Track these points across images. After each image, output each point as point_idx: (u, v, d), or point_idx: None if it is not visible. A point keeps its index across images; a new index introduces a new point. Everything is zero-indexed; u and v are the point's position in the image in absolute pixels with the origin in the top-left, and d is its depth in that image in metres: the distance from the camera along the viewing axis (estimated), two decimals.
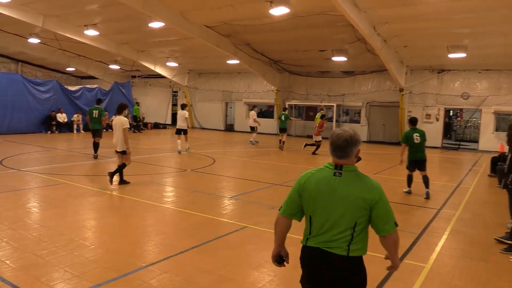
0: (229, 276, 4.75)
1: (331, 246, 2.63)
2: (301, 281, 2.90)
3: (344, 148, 2.66)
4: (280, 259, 3.03)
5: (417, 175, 9.50)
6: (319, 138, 17.01)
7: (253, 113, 20.85)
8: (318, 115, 23.91)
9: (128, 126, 9.53)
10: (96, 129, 14.11)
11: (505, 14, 13.98)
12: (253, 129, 20.71)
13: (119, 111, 9.60)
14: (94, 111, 14.26)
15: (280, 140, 18.67)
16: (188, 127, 15.91)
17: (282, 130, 18.90)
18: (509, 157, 6.11)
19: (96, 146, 13.87)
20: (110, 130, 14.96)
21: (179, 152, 15.66)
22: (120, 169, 9.49)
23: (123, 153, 9.48)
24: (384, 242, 2.71)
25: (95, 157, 13.71)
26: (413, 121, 9.56)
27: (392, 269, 2.88)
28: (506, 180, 5.98)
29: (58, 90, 24.12)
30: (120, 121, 9.40)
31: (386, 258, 2.86)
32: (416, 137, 9.22)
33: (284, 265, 3.04)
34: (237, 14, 16.96)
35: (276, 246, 2.99)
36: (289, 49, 21.91)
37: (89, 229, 6.40)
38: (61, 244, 5.52)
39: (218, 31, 19.84)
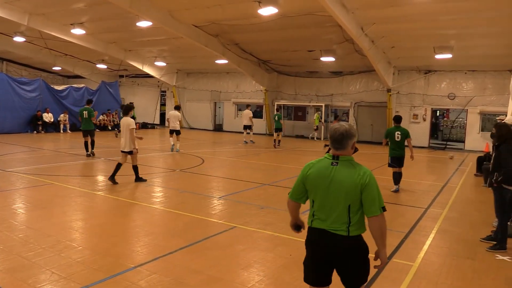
0: (219, 276, 4.74)
1: (333, 228, 2.97)
2: (304, 262, 3.22)
3: (340, 140, 3.01)
4: (297, 227, 3.43)
5: (405, 174, 9.58)
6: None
7: (248, 112, 20.92)
8: (316, 116, 24.03)
9: (135, 127, 9.72)
10: (88, 129, 14.38)
11: (490, 16, 14.22)
12: (247, 128, 20.77)
13: (125, 112, 9.82)
14: (84, 112, 14.55)
15: (275, 140, 19.61)
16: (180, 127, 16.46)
17: (277, 129, 19.80)
18: (493, 156, 6.20)
19: (92, 144, 14.28)
20: (97, 130, 14.88)
21: (177, 151, 15.92)
22: (117, 169, 9.65)
23: (130, 153, 9.68)
24: (370, 226, 2.95)
25: (92, 154, 14.13)
26: (397, 119, 9.88)
27: (380, 266, 3.05)
28: (491, 178, 6.06)
29: (44, 89, 23.80)
30: (127, 122, 9.61)
31: (376, 257, 3.03)
32: (397, 135, 9.60)
33: (301, 231, 3.43)
34: (225, 14, 16.93)
35: (292, 219, 3.41)
36: (278, 49, 21.96)
37: (76, 230, 6.32)
38: (48, 245, 5.45)
39: (207, 30, 19.78)
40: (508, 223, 6.55)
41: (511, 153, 5.83)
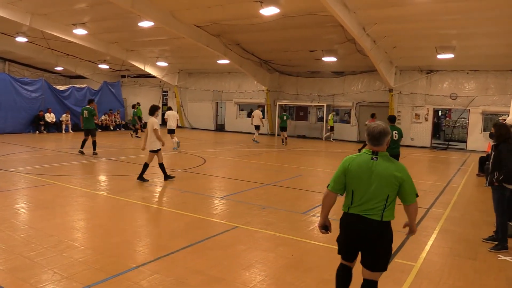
0: (220, 276, 4.74)
1: (369, 213, 3.45)
2: (338, 240, 3.76)
3: (378, 138, 3.48)
4: (325, 228, 3.80)
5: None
6: None
7: (259, 113, 21.74)
8: (331, 116, 23.68)
9: (158, 128, 10.04)
10: (88, 128, 14.60)
11: (492, 16, 14.19)
12: (257, 128, 21.63)
13: (151, 113, 10.14)
14: (85, 111, 14.75)
15: (283, 139, 20.81)
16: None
17: (283, 129, 20.94)
18: (492, 155, 6.21)
19: (93, 144, 14.41)
20: (97, 130, 15.00)
21: (178, 148, 16.56)
22: (144, 169, 10.02)
23: (155, 151, 10.02)
24: (407, 209, 3.56)
25: (95, 154, 14.25)
26: (391, 119, 10.41)
27: (410, 234, 3.73)
28: (491, 177, 6.07)
29: (46, 89, 23.84)
30: (151, 122, 9.98)
31: (405, 225, 3.69)
32: (395, 134, 9.97)
33: (328, 233, 3.83)
34: (227, 14, 16.93)
35: (321, 218, 3.78)
36: (279, 49, 21.95)
37: (78, 230, 6.33)
38: (50, 245, 5.46)
39: (208, 30, 19.78)
40: (510, 223, 6.55)
41: (511, 152, 5.83)
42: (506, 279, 5.03)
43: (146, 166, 10.08)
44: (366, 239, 3.48)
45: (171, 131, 16.77)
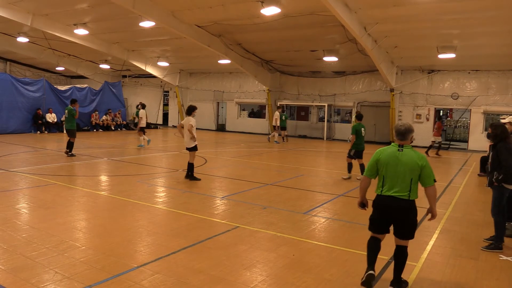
0: (221, 276, 4.74)
1: (398, 194, 4.34)
2: (371, 218, 4.60)
3: (404, 134, 4.41)
4: (363, 205, 4.76)
5: None
6: (439, 139, 18.05)
7: (277, 114, 21.89)
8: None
9: (194, 126, 10.33)
10: (68, 129, 14.30)
11: (494, 15, 14.16)
12: (276, 128, 22.02)
13: (188, 113, 10.41)
14: (66, 111, 14.57)
15: (283, 138, 21.93)
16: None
17: (283, 128, 21.84)
18: (491, 155, 6.22)
19: (68, 145, 13.90)
20: (98, 130, 14.93)
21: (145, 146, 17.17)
22: (190, 167, 10.38)
23: (192, 149, 10.40)
24: (426, 192, 4.41)
25: (67, 154, 13.77)
26: (359, 117, 11.69)
27: (432, 218, 4.50)
28: (491, 177, 6.07)
29: (47, 89, 23.87)
30: (187, 121, 10.29)
31: (427, 212, 4.49)
32: (363, 131, 11.30)
33: (365, 209, 4.78)
34: (228, 14, 16.93)
35: (360, 198, 4.74)
36: (281, 49, 21.94)
37: (79, 230, 6.34)
38: (51, 245, 5.46)
39: (209, 30, 19.79)
40: (510, 223, 6.55)
41: (509, 152, 5.84)
42: (508, 279, 5.02)
43: (191, 165, 10.39)
44: (397, 215, 4.38)
45: (143, 129, 17.44)
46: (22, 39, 23.54)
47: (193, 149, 10.42)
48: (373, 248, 4.54)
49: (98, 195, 8.69)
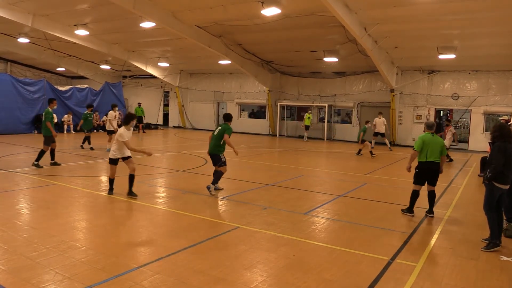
0: (222, 277, 4.74)
1: (435, 159, 7.44)
2: (416, 175, 7.64)
3: (432, 126, 7.67)
4: (410, 168, 7.71)
5: (408, 175, 9.53)
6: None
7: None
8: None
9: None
10: (43, 135, 11.88)
11: (494, 16, 14.17)
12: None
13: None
14: (43, 114, 12.22)
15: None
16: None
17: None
18: (489, 155, 6.34)
19: (39, 153, 11.68)
20: (100, 130, 14.84)
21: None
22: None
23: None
24: (442, 158, 7.54)
25: (35, 165, 11.41)
26: (227, 117, 10.19)
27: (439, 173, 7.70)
28: (484, 175, 6.19)
29: (48, 90, 23.82)
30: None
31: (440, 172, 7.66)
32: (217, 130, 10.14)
33: (409, 171, 7.76)
34: (228, 15, 16.94)
35: (408, 164, 7.73)
36: (281, 49, 21.95)
37: (80, 231, 6.34)
38: (52, 245, 5.47)
39: (210, 31, 19.80)
40: (510, 223, 6.56)
41: (500, 151, 5.96)
42: (508, 279, 5.02)
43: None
44: (433, 172, 7.51)
45: (112, 132, 16.12)
46: (23, 40, 23.56)
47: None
48: (416, 196, 7.59)
49: (98, 195, 8.69)
